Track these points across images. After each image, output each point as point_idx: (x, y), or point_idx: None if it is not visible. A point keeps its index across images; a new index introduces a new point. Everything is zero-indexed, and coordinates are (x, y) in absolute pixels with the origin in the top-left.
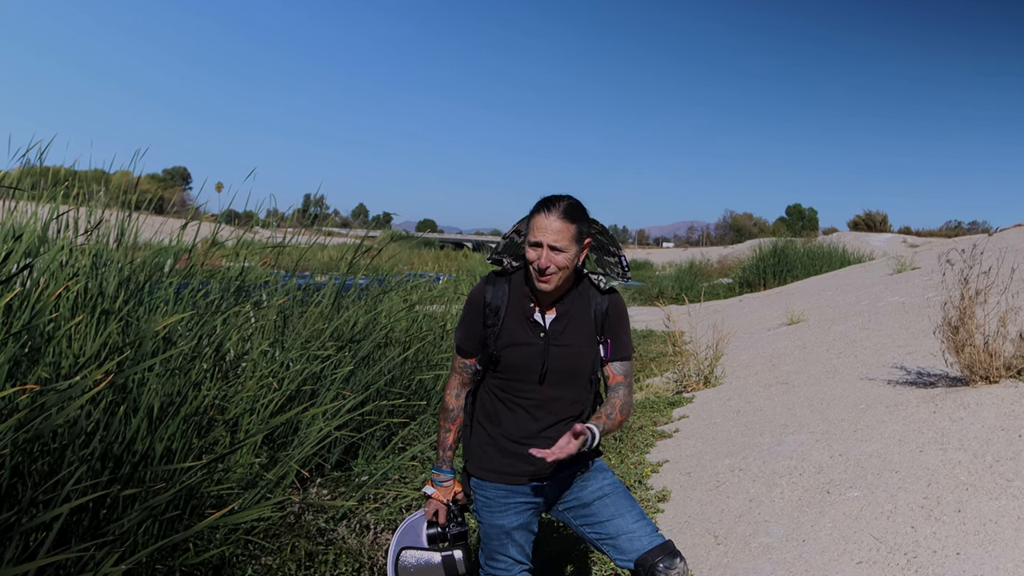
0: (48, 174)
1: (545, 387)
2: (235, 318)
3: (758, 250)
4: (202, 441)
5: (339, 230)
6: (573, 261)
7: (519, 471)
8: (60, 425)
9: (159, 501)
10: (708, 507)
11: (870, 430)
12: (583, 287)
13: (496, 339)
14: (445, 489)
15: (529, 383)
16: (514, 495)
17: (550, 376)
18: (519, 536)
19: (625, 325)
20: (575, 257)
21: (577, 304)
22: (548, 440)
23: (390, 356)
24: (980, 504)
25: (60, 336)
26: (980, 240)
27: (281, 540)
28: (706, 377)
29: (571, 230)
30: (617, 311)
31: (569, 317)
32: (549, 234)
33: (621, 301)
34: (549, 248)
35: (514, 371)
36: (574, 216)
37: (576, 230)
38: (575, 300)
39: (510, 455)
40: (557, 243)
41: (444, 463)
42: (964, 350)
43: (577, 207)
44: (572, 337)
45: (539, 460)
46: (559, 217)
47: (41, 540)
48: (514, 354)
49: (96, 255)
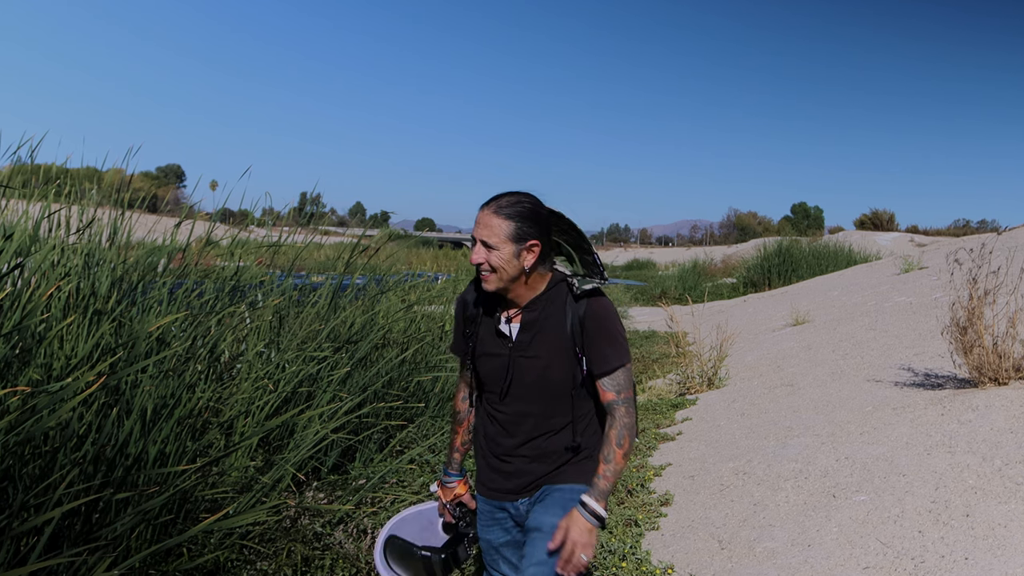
0: (39, 172)
1: (512, 401)
2: (230, 319)
3: (763, 249)
4: (196, 444)
5: (336, 229)
6: (511, 263)
7: (500, 487)
8: (52, 428)
9: (152, 505)
10: (712, 511)
11: (877, 433)
12: (557, 292)
13: (473, 348)
14: (446, 490)
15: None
16: (500, 511)
17: (515, 390)
18: (508, 553)
19: (607, 333)
20: (513, 258)
21: (548, 311)
22: (524, 458)
23: (388, 357)
24: (989, 508)
25: (51, 337)
26: (989, 239)
27: (277, 545)
28: (710, 379)
29: (505, 227)
30: (595, 318)
31: (538, 326)
32: (481, 229)
33: (601, 306)
34: (482, 244)
35: (487, 383)
36: (512, 213)
37: (512, 228)
38: (545, 307)
39: (494, 470)
40: (488, 239)
41: (450, 464)
42: (972, 351)
43: (521, 204)
44: (540, 348)
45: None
46: (493, 212)
47: (32, 545)
48: (484, 365)
49: (88, 254)
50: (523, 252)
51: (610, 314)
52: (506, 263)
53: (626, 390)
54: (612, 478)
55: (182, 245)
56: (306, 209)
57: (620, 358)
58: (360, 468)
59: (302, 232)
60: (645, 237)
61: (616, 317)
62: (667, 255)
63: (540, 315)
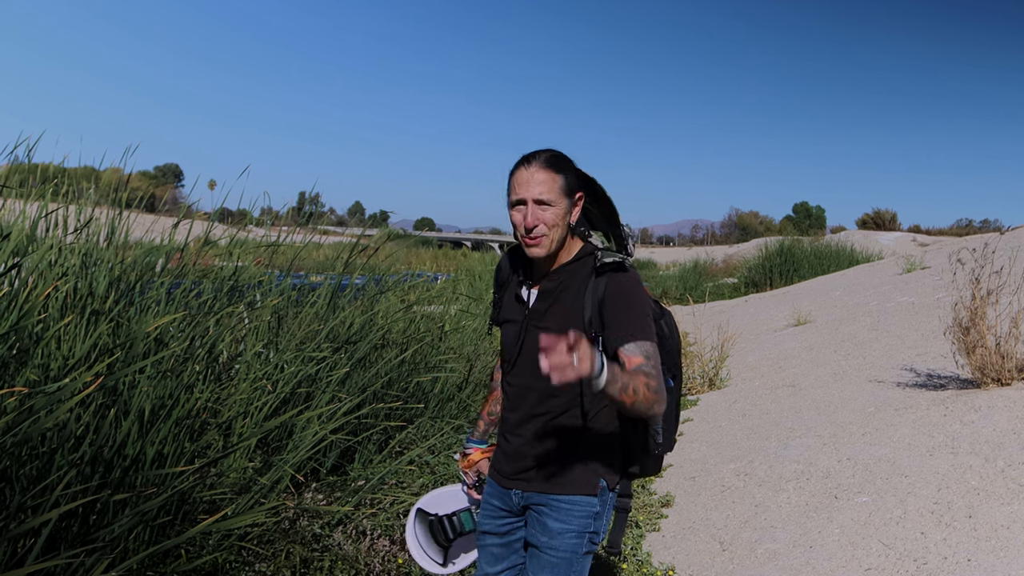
0: (37, 171)
1: (519, 373)
2: (228, 319)
3: (764, 249)
4: (194, 445)
5: (335, 228)
6: (564, 219)
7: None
8: (49, 428)
9: (150, 506)
10: (713, 512)
11: (879, 434)
12: (583, 264)
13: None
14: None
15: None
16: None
17: (524, 360)
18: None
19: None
20: (566, 214)
21: (569, 283)
22: (522, 438)
23: (387, 358)
24: (992, 509)
25: (49, 337)
26: (992, 239)
27: (275, 546)
28: (711, 379)
29: (557, 181)
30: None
31: (555, 296)
32: (533, 187)
33: (626, 280)
34: (534, 203)
35: (504, 350)
36: (559, 166)
37: (564, 180)
38: (568, 277)
39: (501, 450)
40: (543, 196)
41: (473, 432)
42: (975, 352)
43: (562, 157)
44: (553, 319)
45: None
46: (541, 167)
47: (30, 546)
48: (504, 332)
49: (86, 254)
50: (574, 208)
51: (635, 289)
52: (561, 221)
53: (653, 358)
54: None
55: (180, 245)
56: (305, 208)
57: (645, 331)
58: (359, 469)
59: (301, 232)
60: (646, 237)
61: (643, 293)
62: (668, 255)
63: (560, 285)
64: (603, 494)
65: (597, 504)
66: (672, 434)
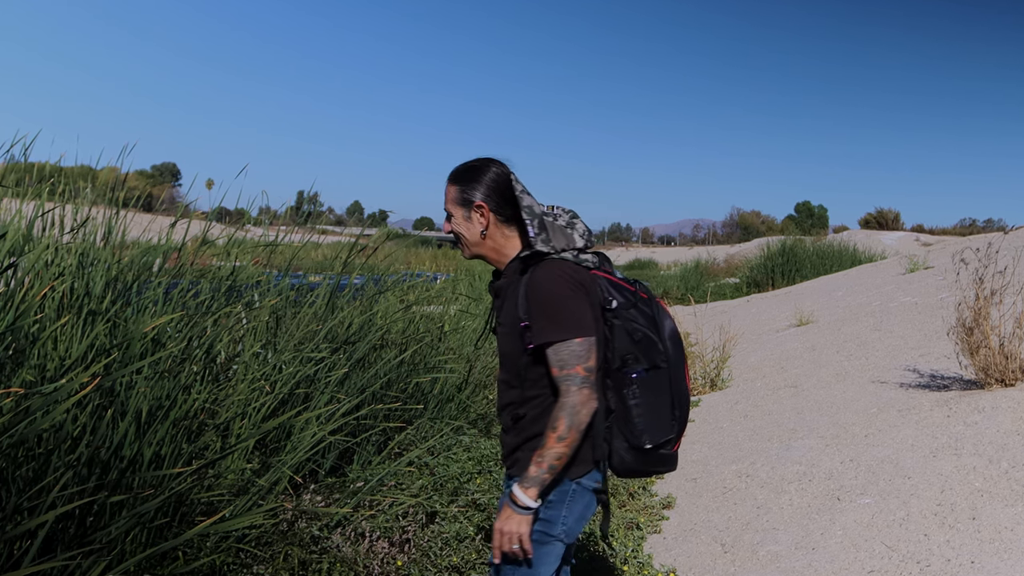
0: (33, 170)
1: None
2: (226, 319)
3: (766, 249)
4: (192, 446)
5: (333, 228)
6: (467, 227)
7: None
8: (45, 430)
9: (147, 508)
10: (714, 514)
11: (882, 435)
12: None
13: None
14: None
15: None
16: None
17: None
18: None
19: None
20: (466, 222)
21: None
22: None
23: (386, 358)
24: (995, 511)
25: (45, 338)
26: (995, 239)
27: (273, 548)
28: (712, 380)
29: (452, 192)
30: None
31: (504, 294)
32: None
33: (542, 273)
34: (446, 214)
35: None
36: (455, 177)
37: (456, 192)
38: (512, 273)
39: None
40: (446, 207)
41: None
42: (979, 352)
43: (466, 166)
44: (503, 316)
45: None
46: (448, 182)
47: (26, 548)
48: None
49: (82, 254)
50: (472, 215)
51: (547, 282)
52: (463, 228)
53: (571, 366)
54: (544, 463)
55: (178, 245)
56: (303, 208)
57: (557, 331)
58: (358, 471)
59: (299, 231)
60: (647, 236)
61: (558, 285)
62: (669, 254)
63: (506, 283)
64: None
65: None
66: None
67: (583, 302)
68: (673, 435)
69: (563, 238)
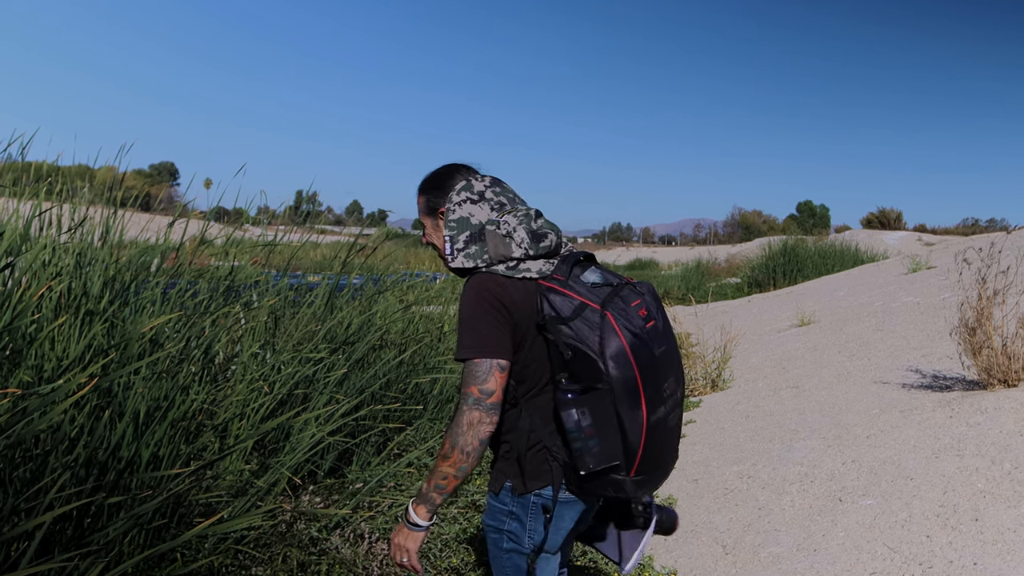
0: (30, 169)
1: None
2: (224, 319)
3: (767, 249)
4: (190, 447)
5: (332, 228)
6: (437, 237)
7: None
8: (43, 430)
9: (145, 509)
10: (716, 516)
11: (884, 436)
12: None
13: None
14: None
15: None
16: None
17: None
18: None
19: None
20: (436, 232)
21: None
22: None
23: (385, 359)
24: (998, 512)
25: (43, 338)
26: (998, 238)
27: (272, 550)
28: (713, 380)
29: (421, 203)
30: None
31: None
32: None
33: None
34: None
35: None
36: (423, 187)
37: (423, 202)
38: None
39: None
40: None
41: None
42: (981, 352)
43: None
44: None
45: None
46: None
47: (23, 550)
48: None
49: (80, 254)
50: (440, 223)
51: (465, 298)
52: (435, 239)
53: (467, 385)
54: (431, 481)
55: (176, 244)
56: (302, 207)
57: (461, 349)
58: (357, 472)
59: (298, 231)
60: (648, 236)
61: (471, 302)
62: (670, 254)
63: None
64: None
65: (510, 504)
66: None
67: (493, 320)
68: (618, 461)
69: (501, 248)
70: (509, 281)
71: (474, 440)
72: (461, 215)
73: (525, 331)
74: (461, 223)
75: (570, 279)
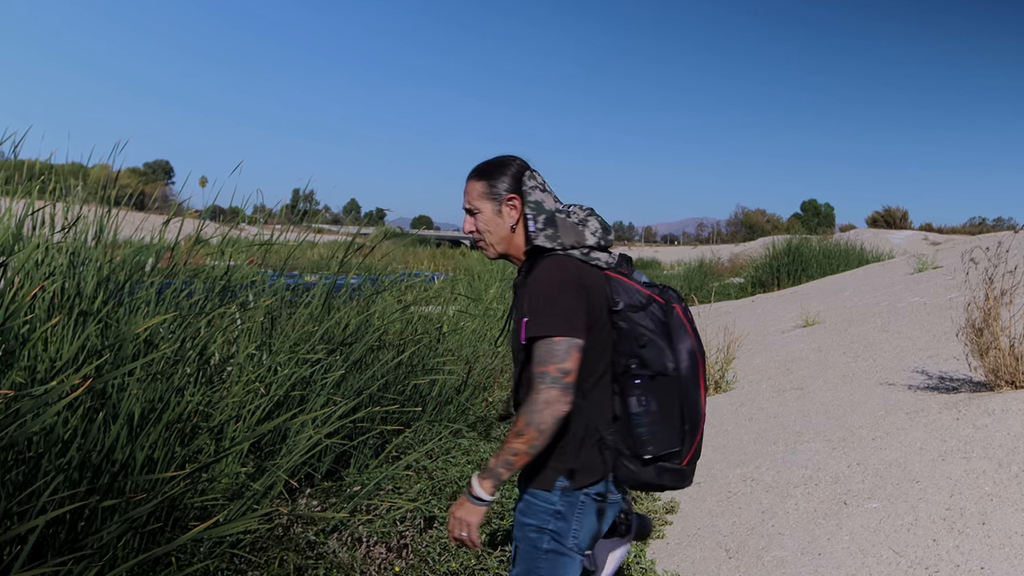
0: (23, 168)
1: None
2: (220, 320)
3: (771, 248)
4: (185, 450)
5: (330, 227)
6: (496, 223)
7: None
8: (36, 432)
9: (140, 513)
10: (719, 519)
11: (889, 438)
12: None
13: None
14: None
15: None
16: None
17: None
18: None
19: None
20: (495, 217)
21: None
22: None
23: (383, 360)
24: (1006, 516)
25: (36, 339)
26: (1006, 238)
27: (269, 554)
28: (717, 382)
29: (478, 188)
30: (532, 281)
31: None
32: (465, 197)
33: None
34: (467, 212)
35: None
36: (483, 173)
37: (484, 186)
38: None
39: None
40: (469, 204)
41: None
42: (988, 353)
43: (492, 161)
44: (517, 312)
45: None
46: (469, 178)
47: (16, 553)
48: None
49: (74, 253)
50: (503, 209)
51: (544, 278)
52: (491, 225)
53: (544, 364)
54: (500, 457)
55: (170, 244)
56: (299, 206)
57: (541, 327)
58: (355, 474)
59: (295, 230)
60: (650, 235)
61: (553, 282)
62: (672, 254)
63: (521, 279)
64: (567, 494)
65: (557, 503)
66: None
67: (575, 301)
68: (678, 447)
69: (573, 235)
70: (585, 266)
71: (550, 418)
72: (536, 199)
73: (596, 317)
74: (538, 207)
75: (633, 274)
